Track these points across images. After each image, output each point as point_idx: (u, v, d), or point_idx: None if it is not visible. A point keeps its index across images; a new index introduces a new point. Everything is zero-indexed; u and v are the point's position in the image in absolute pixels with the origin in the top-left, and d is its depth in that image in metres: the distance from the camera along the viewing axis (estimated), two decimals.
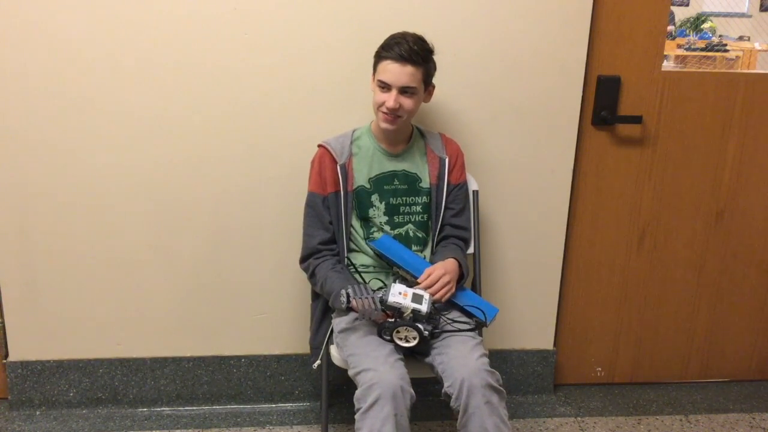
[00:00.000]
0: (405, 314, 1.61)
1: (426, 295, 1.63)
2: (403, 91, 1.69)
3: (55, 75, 1.91)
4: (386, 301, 1.60)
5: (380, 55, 1.71)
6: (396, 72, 1.67)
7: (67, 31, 1.88)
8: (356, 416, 1.54)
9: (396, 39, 1.69)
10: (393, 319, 1.63)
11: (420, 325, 1.61)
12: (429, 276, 1.69)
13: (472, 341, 1.66)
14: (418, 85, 1.71)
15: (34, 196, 2.00)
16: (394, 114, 1.71)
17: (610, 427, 2.19)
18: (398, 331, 1.63)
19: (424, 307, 1.60)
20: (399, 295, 1.62)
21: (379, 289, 1.71)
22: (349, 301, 1.60)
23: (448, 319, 1.70)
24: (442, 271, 1.70)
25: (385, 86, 1.70)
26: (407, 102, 1.71)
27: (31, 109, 1.94)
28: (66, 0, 1.86)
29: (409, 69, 1.67)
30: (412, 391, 1.56)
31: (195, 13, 1.90)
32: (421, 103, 1.77)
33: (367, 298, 1.59)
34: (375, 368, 1.55)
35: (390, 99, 1.69)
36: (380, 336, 1.65)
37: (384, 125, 1.74)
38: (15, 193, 2.00)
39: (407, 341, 1.63)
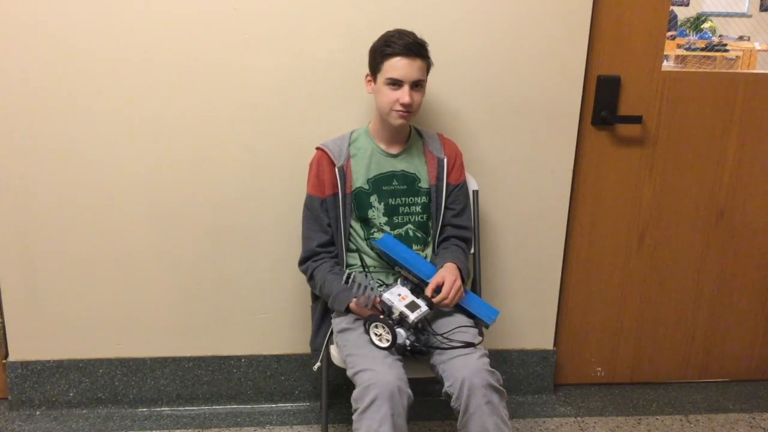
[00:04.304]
0: (393, 315, 1.60)
1: (423, 308, 1.61)
2: (414, 85, 1.69)
3: (54, 75, 1.91)
4: (382, 295, 1.61)
5: (384, 53, 1.68)
6: (407, 67, 1.67)
7: (67, 32, 1.88)
8: (354, 416, 1.54)
9: (395, 35, 1.69)
10: (382, 316, 1.62)
11: (401, 331, 1.59)
12: (439, 287, 1.66)
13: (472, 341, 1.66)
14: (425, 78, 1.72)
15: (34, 196, 2.00)
16: (408, 109, 1.71)
17: (610, 427, 2.19)
18: (376, 326, 1.61)
19: (412, 316, 1.58)
20: (397, 296, 1.62)
21: (382, 285, 1.70)
22: (348, 282, 1.60)
23: (444, 338, 1.66)
24: (451, 278, 1.68)
25: (396, 83, 1.69)
26: (418, 96, 1.72)
27: (31, 109, 1.94)
28: (66, 0, 1.86)
29: (418, 63, 1.68)
30: (410, 392, 1.55)
31: (195, 13, 1.90)
32: None
33: (366, 286, 1.60)
34: (373, 368, 1.55)
35: (404, 95, 1.68)
36: (364, 327, 1.64)
37: (399, 122, 1.73)
38: (15, 193, 2.00)
39: (380, 341, 1.61)
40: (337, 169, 1.78)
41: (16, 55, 1.89)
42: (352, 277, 1.67)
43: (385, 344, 1.60)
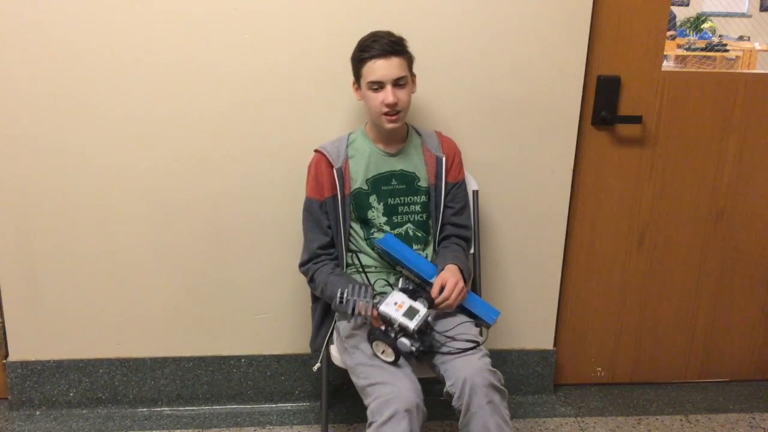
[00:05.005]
0: (394, 325, 1.57)
1: (422, 311, 1.58)
2: (396, 83, 1.69)
3: (55, 75, 1.91)
4: (378, 308, 1.57)
5: (361, 58, 1.69)
6: (384, 67, 1.67)
7: (67, 32, 1.88)
8: (369, 430, 1.52)
9: (369, 39, 1.70)
10: (384, 328, 1.59)
11: (405, 340, 1.55)
12: (443, 288, 1.66)
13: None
14: (407, 74, 1.72)
15: (34, 196, 2.00)
16: (395, 110, 1.70)
17: (610, 427, 2.19)
18: (377, 345, 1.60)
19: (412, 325, 1.55)
20: (393, 305, 1.58)
21: (380, 294, 1.68)
22: (341, 301, 1.56)
23: (447, 336, 1.66)
24: (454, 280, 1.68)
25: (377, 85, 1.69)
26: (402, 94, 1.71)
27: (32, 110, 1.94)
28: (66, 0, 1.86)
29: (395, 61, 1.68)
30: (425, 409, 1.55)
31: (195, 13, 1.90)
32: (412, 94, 1.77)
33: (362, 300, 1.56)
34: (393, 383, 1.54)
35: (388, 95, 1.68)
36: (368, 342, 1.63)
37: (390, 125, 1.73)
38: (15, 193, 2.00)
39: (386, 356, 1.59)
40: (335, 171, 1.77)
41: (16, 55, 1.89)
42: (345, 296, 1.58)
43: (391, 358, 1.59)
